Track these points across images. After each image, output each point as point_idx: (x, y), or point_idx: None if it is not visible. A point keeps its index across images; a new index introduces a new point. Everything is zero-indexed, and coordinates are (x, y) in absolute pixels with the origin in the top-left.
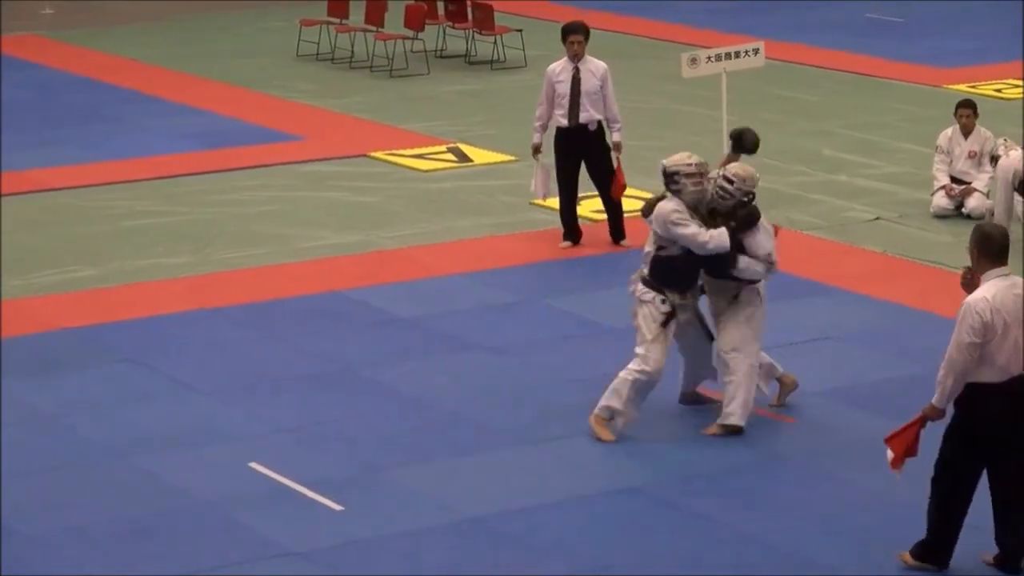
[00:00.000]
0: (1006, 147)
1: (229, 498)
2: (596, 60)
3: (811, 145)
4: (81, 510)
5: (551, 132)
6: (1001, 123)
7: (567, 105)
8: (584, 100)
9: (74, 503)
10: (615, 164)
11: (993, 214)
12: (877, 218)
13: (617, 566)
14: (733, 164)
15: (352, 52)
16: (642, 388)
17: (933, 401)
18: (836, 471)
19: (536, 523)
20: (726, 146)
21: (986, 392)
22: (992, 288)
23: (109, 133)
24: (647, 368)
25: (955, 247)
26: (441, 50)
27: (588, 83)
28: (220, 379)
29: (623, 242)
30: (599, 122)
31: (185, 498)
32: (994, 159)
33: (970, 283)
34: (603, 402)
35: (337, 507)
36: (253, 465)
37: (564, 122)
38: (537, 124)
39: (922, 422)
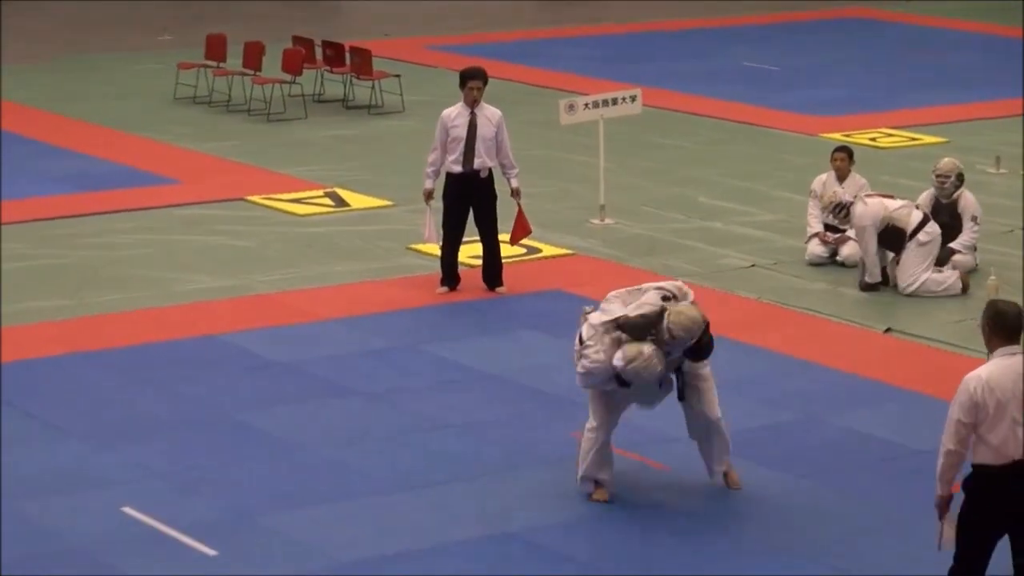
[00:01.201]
0: (860, 196)
1: (102, 543)
2: (491, 107)
3: (687, 192)
4: None
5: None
6: (876, 172)
7: (462, 150)
8: (479, 146)
9: None
10: (516, 209)
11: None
12: (752, 265)
13: None
14: (676, 316)
15: (229, 96)
16: (593, 446)
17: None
18: (709, 518)
19: (412, 569)
20: (602, 196)
21: (987, 475)
22: (992, 366)
23: None
24: (590, 425)
25: (829, 295)
26: (319, 94)
27: (484, 129)
28: (94, 423)
29: (499, 288)
30: (490, 169)
31: (57, 543)
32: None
33: None
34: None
35: (211, 552)
36: (126, 510)
37: (457, 168)
38: (430, 170)
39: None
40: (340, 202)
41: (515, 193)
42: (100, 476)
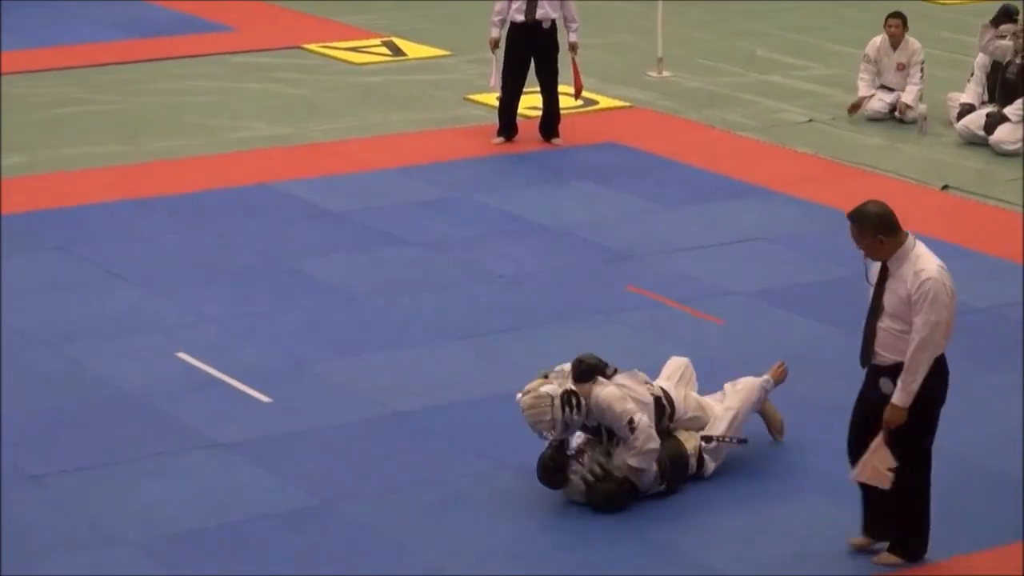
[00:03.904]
0: None
1: (156, 388)
2: None
3: (745, 46)
4: (5, 398)
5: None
6: (934, 28)
7: (525, 0)
8: None
9: None
10: (572, 65)
11: (926, 118)
12: (810, 120)
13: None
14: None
15: None
16: None
17: (897, 401)
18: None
19: (464, 418)
20: (660, 48)
21: (941, 365)
22: (931, 255)
23: (38, 20)
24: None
25: (887, 151)
26: None
27: None
28: (149, 269)
29: (555, 140)
30: (553, 21)
31: (112, 387)
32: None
33: None
34: None
35: (265, 399)
36: (181, 355)
37: (520, 17)
38: (496, 19)
39: (888, 433)
40: (397, 51)
41: (572, 48)
42: (155, 322)
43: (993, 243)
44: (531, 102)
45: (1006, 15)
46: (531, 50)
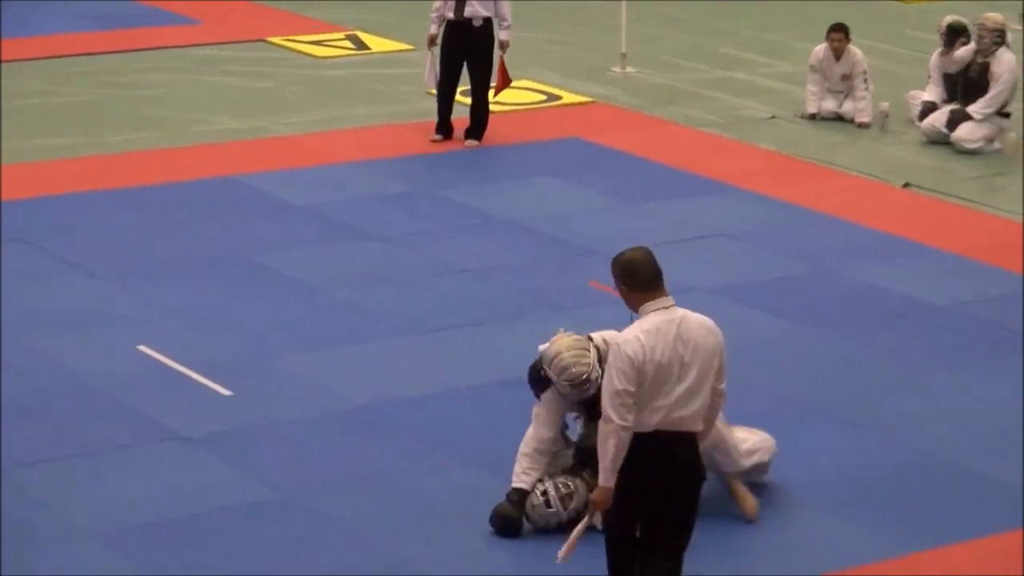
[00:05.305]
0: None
1: (117, 380)
2: None
3: (709, 42)
4: None
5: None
6: (900, 26)
7: None
8: None
9: None
10: (500, 62)
11: (887, 115)
12: (773, 117)
13: (507, 456)
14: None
15: None
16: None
17: (600, 482)
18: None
19: (426, 412)
20: (624, 44)
21: (635, 452)
22: (647, 324)
23: (3, 12)
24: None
25: (849, 147)
26: None
27: None
28: (110, 262)
29: (469, 142)
30: (485, 19)
31: (72, 379)
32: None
33: None
34: None
35: (226, 392)
36: (142, 348)
37: (451, 15)
38: (434, 15)
39: (591, 518)
40: (360, 45)
41: (501, 46)
42: (115, 314)
43: (954, 241)
44: (500, 95)
45: (955, 33)
46: (463, 48)
